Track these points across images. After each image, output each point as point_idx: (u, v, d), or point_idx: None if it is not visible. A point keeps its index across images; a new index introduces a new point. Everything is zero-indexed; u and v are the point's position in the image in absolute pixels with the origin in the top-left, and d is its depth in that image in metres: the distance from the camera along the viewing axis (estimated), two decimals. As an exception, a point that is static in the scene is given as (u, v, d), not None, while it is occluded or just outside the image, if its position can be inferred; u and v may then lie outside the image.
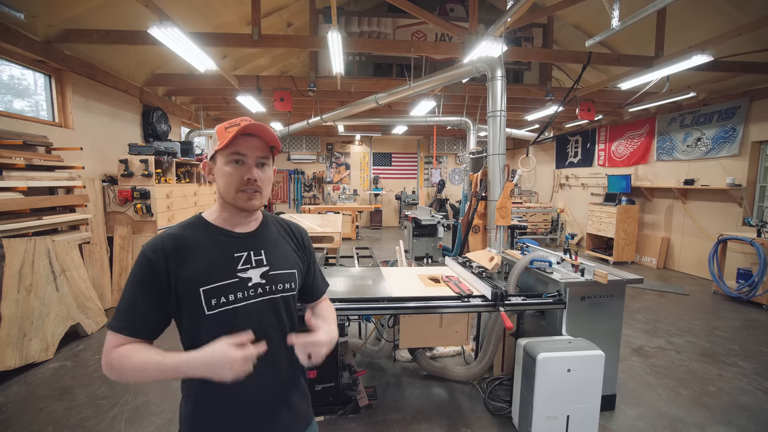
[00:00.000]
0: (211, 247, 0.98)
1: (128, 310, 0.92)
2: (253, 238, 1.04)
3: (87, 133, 4.61)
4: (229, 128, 0.96)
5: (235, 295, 0.97)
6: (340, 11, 5.72)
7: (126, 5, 3.99)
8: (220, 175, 0.98)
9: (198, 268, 0.94)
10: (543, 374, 2.09)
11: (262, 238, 1.06)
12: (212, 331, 0.92)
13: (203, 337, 0.91)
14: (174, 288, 0.93)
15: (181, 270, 0.93)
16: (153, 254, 0.92)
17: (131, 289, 0.92)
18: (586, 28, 5.94)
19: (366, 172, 12.17)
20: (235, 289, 0.97)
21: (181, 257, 0.94)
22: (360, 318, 3.24)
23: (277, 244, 1.09)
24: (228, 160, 0.96)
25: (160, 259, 0.92)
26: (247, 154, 0.96)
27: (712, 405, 2.72)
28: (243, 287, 0.98)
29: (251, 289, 0.99)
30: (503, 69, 3.52)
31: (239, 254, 1.00)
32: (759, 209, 5.56)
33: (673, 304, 4.88)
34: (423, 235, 5.86)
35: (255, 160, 0.98)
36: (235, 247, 1.00)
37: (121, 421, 2.46)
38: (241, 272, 0.99)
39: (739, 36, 3.86)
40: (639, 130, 7.44)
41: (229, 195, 0.98)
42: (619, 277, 2.50)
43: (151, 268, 0.91)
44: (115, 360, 0.88)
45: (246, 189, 0.97)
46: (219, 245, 0.99)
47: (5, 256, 3.07)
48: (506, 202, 3.44)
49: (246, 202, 0.98)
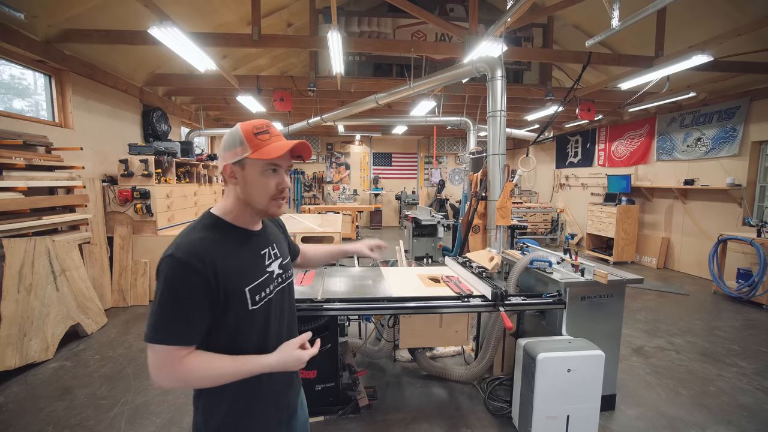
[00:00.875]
0: (240, 248, 1.03)
1: (179, 321, 0.89)
2: (265, 234, 1.12)
3: (87, 133, 4.61)
4: (260, 134, 0.97)
5: (267, 288, 1.06)
6: (340, 11, 5.71)
7: (126, 5, 4.00)
8: (252, 183, 0.99)
9: (238, 269, 0.98)
10: (543, 374, 2.09)
11: (269, 233, 1.15)
12: (254, 324, 1.01)
13: (248, 327, 1.00)
14: (224, 291, 0.94)
15: (226, 272, 0.95)
16: (199, 262, 0.90)
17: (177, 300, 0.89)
18: (586, 28, 5.94)
19: (366, 172, 12.17)
20: (269, 283, 1.07)
21: (222, 260, 0.95)
22: (360, 318, 3.24)
23: (276, 235, 1.20)
24: (264, 169, 0.99)
25: (208, 266, 0.91)
26: (282, 165, 1.02)
27: (712, 405, 2.72)
28: (271, 280, 1.08)
29: (276, 281, 1.10)
30: (503, 69, 3.52)
31: (264, 251, 1.09)
32: (759, 209, 5.56)
33: (673, 304, 4.88)
34: (423, 235, 5.86)
35: (286, 169, 1.04)
36: (259, 245, 1.08)
37: (121, 421, 2.46)
38: (268, 267, 1.08)
39: (739, 36, 3.86)
40: (639, 130, 7.44)
41: (262, 202, 1.01)
42: (619, 277, 2.50)
43: (200, 277, 0.90)
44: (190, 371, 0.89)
45: (278, 198, 1.02)
46: (247, 245, 1.05)
47: (5, 256, 3.07)
48: (506, 202, 3.44)
49: (277, 209, 1.04)
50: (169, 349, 0.88)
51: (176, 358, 0.89)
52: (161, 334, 0.88)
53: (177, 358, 0.89)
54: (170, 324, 0.89)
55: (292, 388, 1.19)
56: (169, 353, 0.88)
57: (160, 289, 0.89)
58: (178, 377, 0.89)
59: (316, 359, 2.44)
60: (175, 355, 0.89)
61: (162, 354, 0.88)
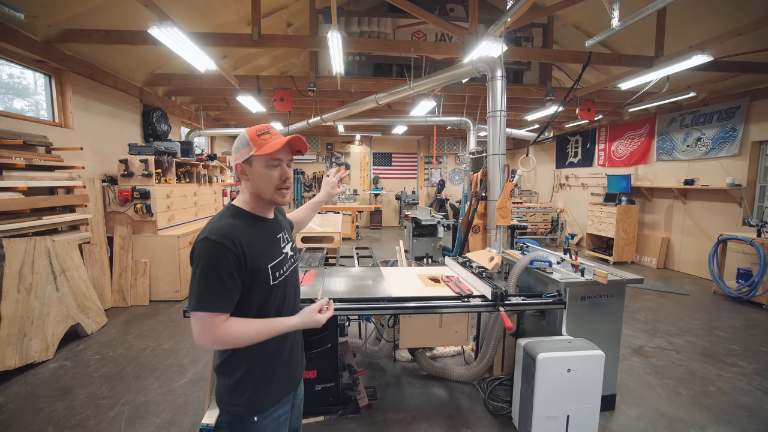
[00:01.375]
0: (261, 232, 1.21)
1: (218, 291, 1.06)
2: (277, 222, 1.32)
3: (87, 133, 4.61)
4: (262, 135, 1.16)
5: (284, 267, 1.25)
6: (340, 11, 5.71)
7: (126, 5, 3.99)
8: (259, 177, 1.17)
9: (261, 250, 1.17)
10: (543, 374, 2.10)
11: (280, 221, 1.34)
12: (275, 296, 1.21)
13: (270, 301, 1.19)
14: (250, 267, 1.12)
15: (252, 252, 1.13)
16: (231, 243, 1.08)
17: (216, 274, 1.05)
18: (586, 28, 5.94)
19: (366, 172, 12.17)
20: (285, 262, 1.27)
21: (248, 241, 1.13)
22: (360, 318, 3.24)
23: (284, 222, 1.40)
24: (268, 164, 1.17)
25: (237, 246, 1.09)
26: (283, 159, 1.20)
27: (712, 405, 2.72)
28: (286, 260, 1.28)
29: (289, 261, 1.30)
30: (503, 69, 3.51)
31: (279, 235, 1.29)
32: (759, 209, 5.56)
33: (673, 304, 4.88)
34: (423, 235, 5.86)
35: (287, 162, 1.22)
36: (274, 230, 1.28)
37: (121, 421, 2.46)
38: (284, 249, 1.28)
39: (739, 36, 3.86)
40: (639, 130, 7.44)
41: (269, 192, 1.19)
42: (619, 277, 2.50)
43: (232, 255, 1.07)
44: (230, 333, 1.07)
45: (282, 188, 1.20)
46: (266, 230, 1.24)
47: (5, 256, 3.07)
48: (506, 202, 3.44)
49: (282, 198, 1.22)
50: (211, 316, 1.05)
51: (217, 323, 1.06)
52: (204, 303, 1.05)
53: (218, 323, 1.06)
54: (211, 295, 1.05)
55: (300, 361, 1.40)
56: (211, 319, 1.05)
57: (199, 267, 1.06)
58: (219, 339, 1.06)
59: (317, 359, 2.43)
60: (216, 321, 1.06)
61: (206, 321, 1.05)
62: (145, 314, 4.32)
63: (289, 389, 1.31)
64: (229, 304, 1.09)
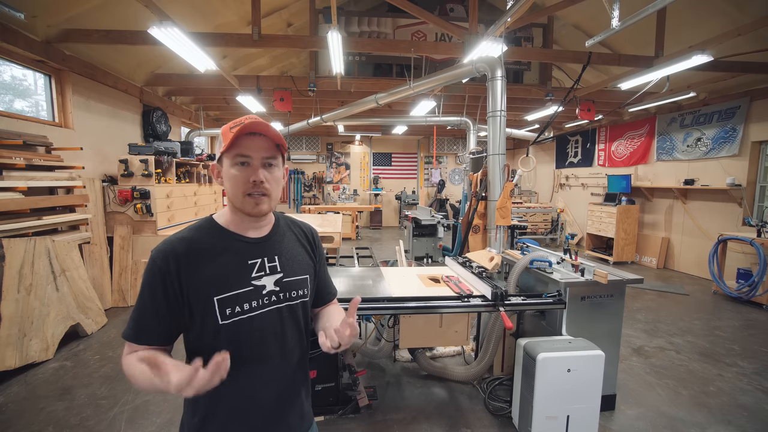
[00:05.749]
0: (224, 253, 0.94)
1: (138, 318, 0.90)
2: (266, 244, 1.00)
3: (87, 133, 4.61)
4: (233, 128, 0.90)
5: (249, 304, 0.94)
6: (340, 11, 5.72)
7: (126, 5, 3.99)
8: (227, 179, 0.93)
9: (211, 276, 0.91)
10: (543, 374, 2.10)
11: (274, 243, 1.02)
12: (227, 340, 0.91)
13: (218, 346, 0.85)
14: (186, 296, 0.89)
15: (194, 278, 0.89)
16: (163, 262, 0.88)
17: (142, 298, 0.90)
18: (586, 28, 5.94)
19: (366, 172, 12.17)
20: (250, 298, 0.94)
21: (193, 263, 0.90)
22: (360, 318, 3.24)
23: (290, 248, 1.05)
24: (233, 162, 0.92)
25: (171, 267, 0.88)
26: (252, 155, 0.91)
27: (712, 405, 2.72)
28: (257, 295, 0.95)
29: (265, 297, 0.96)
30: (503, 69, 3.52)
31: (253, 261, 0.96)
32: (759, 209, 5.56)
33: (673, 304, 4.88)
34: (423, 235, 5.85)
35: (261, 161, 0.92)
36: (249, 254, 0.97)
37: (121, 421, 2.46)
38: (255, 280, 0.95)
39: (739, 36, 3.86)
40: (639, 130, 7.44)
41: (237, 199, 0.93)
42: (619, 277, 2.50)
43: (161, 276, 0.88)
44: (125, 367, 0.88)
45: (253, 192, 0.92)
46: (232, 251, 0.95)
47: (5, 256, 3.07)
48: (506, 202, 3.44)
49: (253, 207, 0.93)
50: (126, 344, 0.90)
51: (125, 352, 0.90)
52: (126, 328, 0.90)
53: (125, 353, 0.90)
54: (132, 319, 0.90)
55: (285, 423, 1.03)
56: (126, 347, 0.91)
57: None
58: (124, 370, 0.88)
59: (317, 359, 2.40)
60: (125, 350, 0.90)
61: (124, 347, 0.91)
62: (145, 314, 4.31)
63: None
64: (147, 336, 0.89)
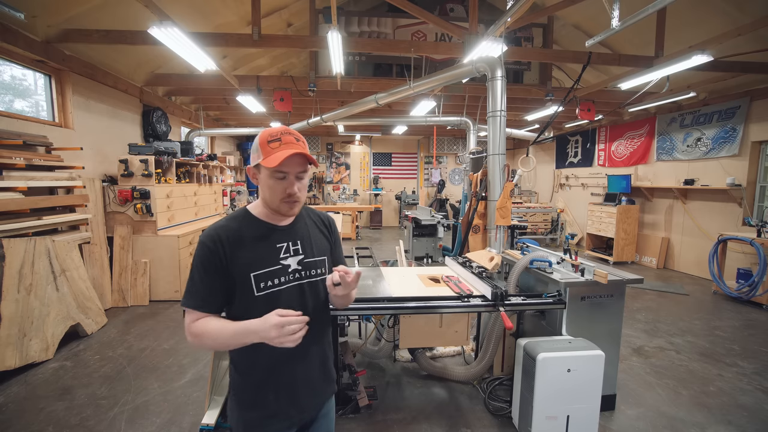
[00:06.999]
0: (258, 239, 1.15)
1: (197, 290, 1.09)
2: (290, 230, 1.22)
3: (87, 133, 4.61)
4: (271, 142, 1.09)
5: (279, 279, 1.15)
6: (340, 11, 5.71)
7: (126, 5, 3.99)
8: (265, 186, 1.13)
9: (249, 257, 1.12)
10: (543, 374, 2.10)
11: (298, 230, 1.23)
12: (261, 309, 1.06)
13: (254, 314, 1.05)
14: (231, 271, 1.09)
15: (235, 257, 1.10)
16: (212, 243, 1.08)
17: (197, 273, 1.09)
18: (586, 28, 5.94)
19: (366, 172, 12.17)
20: (279, 275, 1.15)
21: (234, 246, 1.10)
22: (360, 318, 3.23)
23: (310, 234, 1.26)
24: (271, 175, 1.10)
25: (218, 247, 1.08)
26: (289, 172, 1.10)
27: (712, 405, 2.72)
28: (284, 273, 1.16)
29: (290, 274, 1.18)
30: (503, 69, 3.52)
31: (281, 245, 1.18)
32: (759, 209, 5.56)
33: (673, 304, 4.88)
34: (423, 235, 5.85)
35: (295, 175, 1.12)
36: (277, 239, 1.18)
37: (121, 421, 2.46)
38: (283, 260, 1.17)
39: (739, 36, 3.86)
40: (639, 130, 7.44)
41: (274, 203, 1.14)
42: (619, 277, 2.50)
43: (212, 255, 1.08)
44: (197, 330, 1.06)
45: (287, 201, 1.13)
46: (265, 237, 1.16)
47: (5, 256, 3.07)
48: (506, 202, 3.44)
49: (288, 210, 1.15)
50: (188, 312, 1.09)
51: (190, 320, 1.08)
52: (184, 298, 1.10)
53: (191, 320, 1.08)
54: (189, 291, 1.10)
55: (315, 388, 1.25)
56: (187, 315, 1.09)
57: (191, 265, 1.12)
58: (191, 334, 1.07)
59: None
60: (190, 318, 1.08)
61: (186, 316, 1.09)
62: (145, 314, 4.32)
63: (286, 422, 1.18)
64: (202, 303, 1.09)
